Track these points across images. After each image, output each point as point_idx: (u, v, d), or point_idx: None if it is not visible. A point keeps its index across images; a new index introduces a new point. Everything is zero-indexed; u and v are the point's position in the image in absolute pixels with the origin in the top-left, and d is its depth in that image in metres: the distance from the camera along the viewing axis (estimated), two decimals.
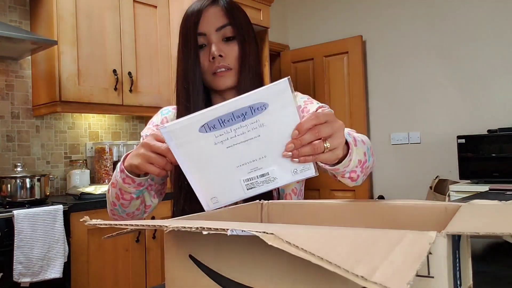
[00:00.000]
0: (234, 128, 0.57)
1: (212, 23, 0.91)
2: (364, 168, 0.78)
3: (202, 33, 0.91)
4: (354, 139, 0.72)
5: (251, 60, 0.93)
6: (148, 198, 0.94)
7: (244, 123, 0.57)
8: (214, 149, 0.59)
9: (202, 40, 0.92)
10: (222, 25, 0.91)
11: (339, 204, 0.69)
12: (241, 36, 0.92)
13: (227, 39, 0.92)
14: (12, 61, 2.41)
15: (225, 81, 0.92)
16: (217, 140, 0.58)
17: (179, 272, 0.50)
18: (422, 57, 3.54)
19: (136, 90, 2.55)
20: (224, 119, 0.56)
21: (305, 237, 0.35)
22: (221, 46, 0.91)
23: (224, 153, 0.59)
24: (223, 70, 0.91)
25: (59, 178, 2.54)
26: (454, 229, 0.40)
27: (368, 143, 0.81)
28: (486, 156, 2.88)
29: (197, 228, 0.40)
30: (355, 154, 0.71)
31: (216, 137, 0.58)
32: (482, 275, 0.70)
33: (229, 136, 0.58)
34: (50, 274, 1.86)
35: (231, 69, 0.92)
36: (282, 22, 4.28)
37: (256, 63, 0.95)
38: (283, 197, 0.96)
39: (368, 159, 0.79)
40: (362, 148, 0.76)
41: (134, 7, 2.58)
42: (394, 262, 0.32)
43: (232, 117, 0.56)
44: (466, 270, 0.48)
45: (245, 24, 0.94)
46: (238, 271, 0.44)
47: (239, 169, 0.62)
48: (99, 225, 0.50)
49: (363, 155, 0.75)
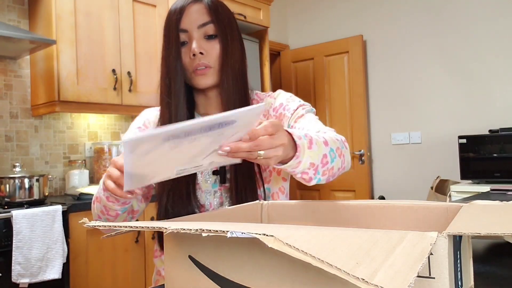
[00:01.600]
0: (197, 137, 0.58)
1: (194, 20, 0.90)
2: (327, 169, 0.78)
3: (184, 30, 0.90)
4: (310, 141, 0.73)
5: (234, 59, 0.92)
6: (136, 204, 0.94)
7: (207, 134, 0.58)
8: (167, 153, 0.59)
9: (184, 37, 0.91)
10: (204, 23, 0.89)
11: (339, 204, 0.69)
12: (224, 34, 0.91)
13: (209, 37, 0.90)
14: (10, 60, 2.40)
15: (205, 79, 0.91)
16: (175, 144, 0.58)
17: (179, 273, 0.49)
18: (423, 56, 3.54)
19: (135, 89, 2.54)
20: (189, 132, 0.56)
21: (305, 239, 0.35)
22: (202, 43, 0.90)
23: (176, 154, 0.60)
24: (202, 68, 0.90)
25: (58, 178, 2.54)
26: (455, 229, 0.39)
27: (336, 144, 0.81)
28: (488, 156, 2.87)
29: (197, 230, 0.40)
30: (307, 157, 0.72)
31: (175, 144, 0.58)
32: (483, 276, 0.70)
33: (189, 141, 0.58)
34: (49, 275, 1.85)
35: (211, 68, 0.90)
36: (282, 22, 4.28)
37: (239, 62, 0.93)
38: (269, 196, 0.95)
39: (332, 161, 0.78)
40: (322, 150, 0.76)
41: (133, 7, 2.57)
42: (395, 264, 0.31)
43: (199, 130, 0.57)
44: (467, 270, 0.48)
45: (229, 23, 0.93)
46: (237, 272, 0.44)
47: (183, 161, 0.64)
48: (98, 227, 0.50)
49: (320, 158, 0.76)
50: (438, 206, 0.60)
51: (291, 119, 0.95)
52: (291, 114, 0.95)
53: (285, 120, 0.95)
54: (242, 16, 3.16)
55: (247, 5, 3.24)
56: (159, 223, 0.48)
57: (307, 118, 0.93)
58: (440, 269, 0.38)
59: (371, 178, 3.82)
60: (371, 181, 3.82)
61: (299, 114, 0.94)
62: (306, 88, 4.08)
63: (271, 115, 0.98)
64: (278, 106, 0.98)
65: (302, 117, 0.94)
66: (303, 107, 0.96)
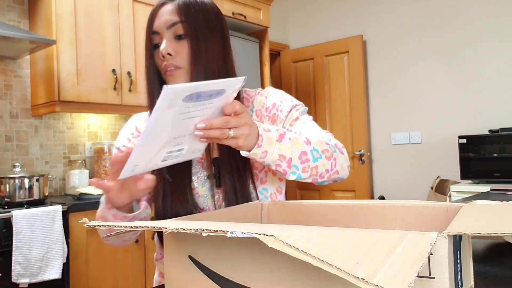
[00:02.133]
0: (198, 105, 0.64)
1: (164, 21, 0.88)
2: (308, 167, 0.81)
3: (155, 32, 0.89)
4: (281, 135, 0.78)
5: (206, 59, 0.88)
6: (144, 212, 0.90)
7: (206, 102, 0.64)
8: (175, 118, 0.64)
9: (157, 39, 0.90)
10: (172, 23, 0.88)
11: (339, 204, 0.69)
12: (194, 33, 0.88)
13: (179, 37, 0.88)
14: (10, 60, 2.40)
15: (174, 80, 0.89)
16: (183, 111, 0.63)
17: (179, 273, 0.49)
18: (423, 56, 3.54)
19: (135, 89, 2.54)
20: (200, 95, 0.62)
21: (305, 239, 0.35)
22: (172, 44, 0.88)
23: (177, 124, 0.65)
24: (172, 69, 0.88)
25: (58, 178, 2.54)
26: (455, 229, 0.39)
27: (323, 146, 0.83)
28: (488, 156, 2.87)
29: (197, 230, 0.40)
30: (275, 148, 0.76)
31: (185, 108, 0.63)
32: (483, 276, 0.70)
33: (191, 110, 0.64)
34: (49, 275, 1.85)
35: (181, 68, 0.88)
36: (282, 22, 4.28)
37: (218, 60, 0.90)
38: (267, 197, 0.94)
39: (314, 160, 0.81)
40: (300, 148, 0.80)
41: (133, 6, 2.57)
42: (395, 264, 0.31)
43: (206, 95, 0.63)
44: (467, 270, 0.48)
45: (205, 21, 0.90)
46: (237, 272, 0.44)
47: (173, 141, 0.68)
48: (98, 227, 0.50)
49: (297, 154, 0.79)
50: (438, 206, 0.60)
51: (286, 122, 0.95)
52: (285, 116, 0.95)
53: (278, 122, 0.95)
54: (242, 16, 3.16)
55: (247, 5, 3.24)
56: (159, 223, 0.48)
57: (303, 121, 0.94)
58: (440, 269, 0.38)
59: (371, 178, 3.83)
60: (371, 181, 3.82)
61: (294, 117, 0.95)
62: (306, 88, 4.08)
63: (264, 115, 0.97)
64: (271, 106, 0.97)
65: (297, 120, 0.94)
66: (296, 108, 0.96)
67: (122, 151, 0.71)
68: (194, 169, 0.93)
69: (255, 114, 0.97)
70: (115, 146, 0.97)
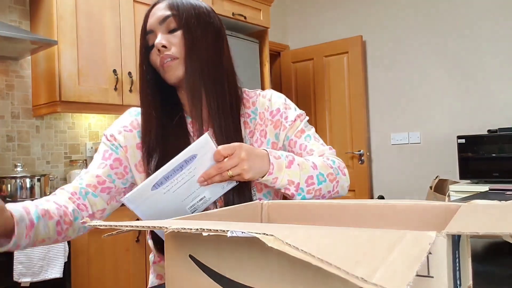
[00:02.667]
0: (176, 178, 0.75)
1: (156, 18, 0.90)
2: (313, 190, 0.87)
3: (150, 31, 0.90)
4: (290, 162, 0.84)
5: (200, 49, 0.89)
6: (102, 202, 0.90)
7: (182, 172, 0.75)
8: (164, 197, 0.76)
9: (152, 38, 0.90)
10: (164, 17, 0.89)
11: (339, 204, 0.69)
12: (186, 25, 0.89)
13: (172, 30, 0.89)
14: (12, 61, 2.41)
15: (173, 71, 0.88)
16: (164, 190, 0.75)
17: (179, 272, 0.50)
18: (422, 57, 3.54)
19: (136, 90, 2.55)
20: (168, 176, 0.74)
21: (305, 238, 0.35)
22: (166, 37, 0.89)
23: (172, 196, 0.76)
24: (169, 61, 0.88)
25: (59, 178, 2.54)
26: (454, 229, 0.40)
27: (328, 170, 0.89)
28: (486, 156, 2.88)
29: (197, 230, 0.40)
30: (284, 174, 0.83)
31: (164, 189, 0.75)
32: (482, 275, 0.70)
33: (173, 184, 0.75)
34: (50, 274, 1.86)
35: (177, 58, 0.88)
36: (282, 23, 4.28)
37: (206, 52, 0.90)
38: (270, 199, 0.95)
39: (319, 183, 0.87)
40: (308, 172, 0.86)
41: (134, 7, 2.58)
42: (394, 263, 0.32)
43: (173, 172, 0.74)
44: (466, 270, 0.48)
45: (193, 14, 0.90)
46: (238, 271, 0.44)
47: (185, 201, 0.79)
48: (99, 226, 0.50)
49: (304, 178, 0.85)
50: (437, 205, 0.60)
51: (289, 131, 0.97)
52: (289, 125, 0.97)
53: (282, 129, 0.97)
54: (242, 16, 3.16)
55: (247, 5, 3.24)
56: (159, 222, 0.49)
57: (308, 134, 0.98)
58: (439, 269, 0.38)
59: (371, 178, 3.83)
60: (370, 181, 3.82)
61: (299, 128, 0.98)
62: (306, 88, 4.08)
63: (267, 119, 0.98)
64: (275, 111, 0.98)
65: (302, 133, 0.98)
66: (300, 118, 0.99)
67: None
68: None
69: (259, 116, 0.98)
70: (104, 133, 0.96)
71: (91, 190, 0.89)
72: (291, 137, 0.98)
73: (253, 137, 0.96)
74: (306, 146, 0.96)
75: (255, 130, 0.97)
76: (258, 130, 0.97)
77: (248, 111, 0.98)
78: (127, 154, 0.93)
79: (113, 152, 0.93)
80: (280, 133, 0.98)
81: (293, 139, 0.97)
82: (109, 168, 0.91)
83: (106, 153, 0.93)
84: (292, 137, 0.98)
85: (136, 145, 0.94)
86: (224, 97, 0.92)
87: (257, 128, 0.97)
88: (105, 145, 0.94)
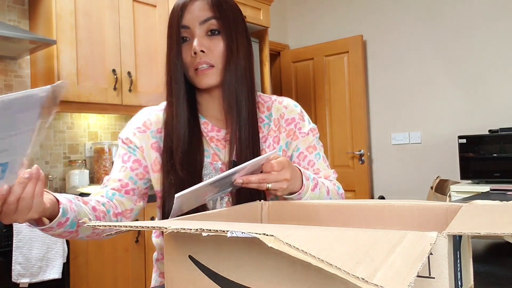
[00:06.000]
0: (217, 184, 0.73)
1: (196, 17, 0.87)
2: None
3: (185, 26, 0.87)
4: (315, 185, 0.86)
5: (239, 57, 0.88)
6: (130, 203, 0.91)
7: (225, 179, 0.73)
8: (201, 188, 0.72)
9: (186, 34, 0.88)
10: (206, 18, 0.86)
11: (339, 204, 0.69)
12: (228, 30, 0.87)
13: (212, 33, 0.87)
14: (11, 60, 2.40)
15: (207, 79, 0.87)
16: (204, 191, 0.72)
17: (179, 273, 0.49)
18: (423, 56, 3.54)
19: (136, 90, 2.55)
20: (214, 182, 0.71)
21: (305, 238, 0.35)
22: (204, 41, 0.87)
23: (205, 189, 0.73)
24: (204, 67, 0.86)
25: (58, 179, 2.54)
26: (455, 229, 0.39)
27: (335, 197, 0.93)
28: (487, 156, 2.87)
29: (197, 230, 0.40)
30: (308, 196, 0.84)
31: (206, 189, 0.72)
32: (483, 276, 0.70)
33: (213, 186, 0.73)
34: (49, 275, 1.85)
35: (214, 66, 0.87)
36: (282, 22, 4.28)
37: (246, 60, 0.90)
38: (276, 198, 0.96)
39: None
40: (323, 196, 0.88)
41: (133, 7, 2.57)
42: (394, 263, 0.31)
43: (221, 178, 0.72)
44: (467, 270, 0.48)
45: (234, 19, 0.89)
46: (237, 272, 0.44)
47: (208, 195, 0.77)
48: (98, 226, 0.50)
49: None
50: (438, 206, 0.60)
51: (301, 143, 0.98)
52: (302, 136, 0.98)
53: (293, 138, 0.98)
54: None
55: (247, 5, 3.24)
56: (159, 222, 0.48)
57: (318, 152, 1.00)
58: (440, 269, 0.38)
59: (371, 178, 3.83)
60: (371, 181, 3.82)
61: (311, 144, 0.99)
62: (306, 88, 4.08)
63: (282, 126, 0.98)
64: (290, 120, 0.98)
65: (314, 150, 0.99)
66: (313, 132, 1.00)
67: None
68: (206, 170, 0.92)
69: (273, 122, 0.98)
70: (119, 137, 0.96)
71: (117, 192, 0.90)
72: (302, 150, 0.98)
73: (266, 142, 0.96)
74: (315, 164, 0.98)
75: (268, 135, 0.97)
76: (271, 136, 0.97)
77: (262, 115, 0.98)
78: (144, 154, 0.93)
79: (131, 154, 0.93)
80: (292, 142, 0.98)
81: (303, 152, 0.98)
82: (129, 171, 0.92)
83: (125, 156, 0.94)
84: (303, 150, 0.98)
85: (150, 145, 0.94)
86: (253, 104, 0.92)
87: (271, 133, 0.97)
88: (123, 149, 0.95)
